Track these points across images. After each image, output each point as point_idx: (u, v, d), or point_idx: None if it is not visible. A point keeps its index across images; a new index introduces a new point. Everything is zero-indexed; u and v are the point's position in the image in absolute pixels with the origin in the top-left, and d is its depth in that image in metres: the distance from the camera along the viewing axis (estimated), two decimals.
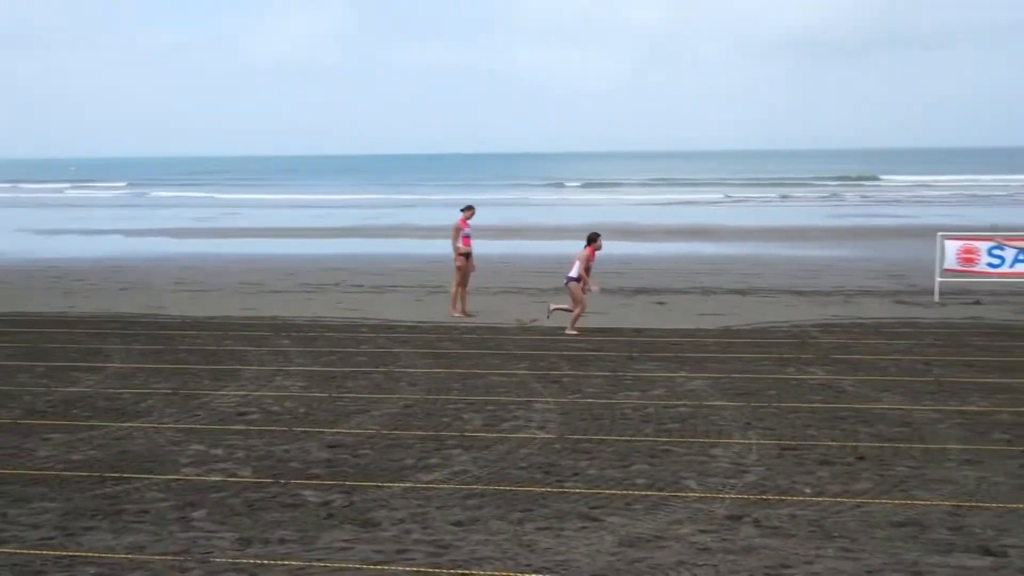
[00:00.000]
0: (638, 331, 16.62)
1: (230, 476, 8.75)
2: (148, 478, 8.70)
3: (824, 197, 71.53)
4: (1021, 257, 19.99)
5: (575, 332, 16.37)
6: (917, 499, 7.97)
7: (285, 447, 9.67)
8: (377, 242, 37.26)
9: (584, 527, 7.42)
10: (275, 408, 11.32)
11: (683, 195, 74.50)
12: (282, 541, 7.23)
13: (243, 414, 11.04)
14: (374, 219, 50.44)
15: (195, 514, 7.79)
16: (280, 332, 16.79)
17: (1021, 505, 7.81)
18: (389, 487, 8.40)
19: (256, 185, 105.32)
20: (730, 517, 7.59)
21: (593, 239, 16.71)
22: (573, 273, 16.55)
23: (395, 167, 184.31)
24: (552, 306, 17.20)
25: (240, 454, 9.44)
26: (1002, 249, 20.12)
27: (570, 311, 16.68)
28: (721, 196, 71.79)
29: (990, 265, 20.17)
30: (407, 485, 8.44)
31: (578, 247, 17.14)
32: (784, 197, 71.59)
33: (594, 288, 16.79)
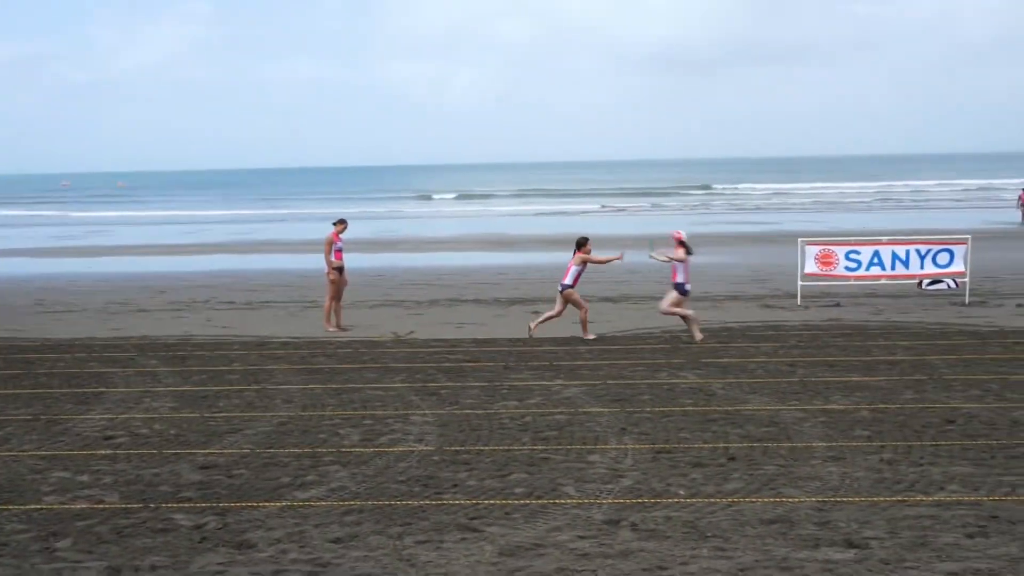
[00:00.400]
0: (513, 341, 16.73)
1: (97, 503, 8.44)
2: (7, 509, 8.31)
3: (693, 205, 73.56)
4: (876, 260, 20.95)
5: (593, 336, 16.74)
6: (785, 496, 8.24)
7: (155, 470, 9.38)
8: (248, 258, 36.51)
9: (464, 538, 7.42)
10: (144, 431, 10.96)
11: (555, 206, 75.50)
12: (153, 568, 7.00)
13: (110, 438, 10.65)
14: (244, 234, 49.44)
15: (59, 544, 7.47)
16: (148, 352, 16.28)
17: (880, 498, 8.16)
18: (264, 507, 8.23)
19: (117, 202, 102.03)
20: (608, 522, 7.70)
21: (583, 243, 16.96)
22: (568, 280, 16.71)
23: (264, 181, 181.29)
24: (532, 324, 17.10)
25: (107, 479, 9.11)
26: (858, 253, 21.03)
27: (552, 318, 16.97)
28: (596, 207, 72.98)
29: (847, 268, 21.05)
30: (283, 504, 8.29)
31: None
32: (655, 206, 73.27)
33: (619, 257, 17.57)
